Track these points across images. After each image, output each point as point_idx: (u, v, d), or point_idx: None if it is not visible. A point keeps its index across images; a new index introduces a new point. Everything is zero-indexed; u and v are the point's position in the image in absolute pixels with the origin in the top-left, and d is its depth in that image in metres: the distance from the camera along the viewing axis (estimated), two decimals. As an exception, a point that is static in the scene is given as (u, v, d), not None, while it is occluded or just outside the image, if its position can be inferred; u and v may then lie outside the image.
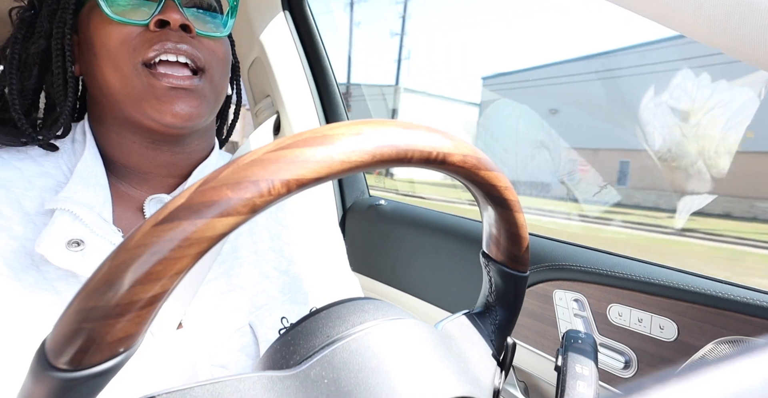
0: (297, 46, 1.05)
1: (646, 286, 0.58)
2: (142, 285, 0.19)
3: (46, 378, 0.19)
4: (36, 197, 0.43)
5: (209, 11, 0.49)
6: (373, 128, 0.23)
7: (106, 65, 0.43)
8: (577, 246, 0.72)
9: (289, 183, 0.20)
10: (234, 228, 0.20)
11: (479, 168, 0.27)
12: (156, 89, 0.43)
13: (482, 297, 0.36)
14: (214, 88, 0.47)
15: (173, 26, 0.43)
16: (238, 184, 0.20)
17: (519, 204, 0.31)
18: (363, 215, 1.10)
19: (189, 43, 0.44)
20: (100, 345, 0.19)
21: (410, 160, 0.24)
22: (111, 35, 0.43)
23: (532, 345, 0.73)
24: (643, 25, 2.64)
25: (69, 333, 0.19)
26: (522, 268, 0.33)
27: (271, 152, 0.21)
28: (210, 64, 0.46)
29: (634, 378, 0.61)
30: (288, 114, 1.04)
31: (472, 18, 30.76)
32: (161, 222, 0.19)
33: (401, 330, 0.27)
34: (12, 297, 0.38)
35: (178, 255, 0.19)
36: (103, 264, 0.19)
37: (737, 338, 0.50)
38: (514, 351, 0.35)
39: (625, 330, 0.61)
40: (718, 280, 0.55)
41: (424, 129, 0.25)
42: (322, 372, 0.24)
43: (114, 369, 0.20)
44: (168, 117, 0.43)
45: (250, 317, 0.47)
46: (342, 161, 0.21)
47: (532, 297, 0.72)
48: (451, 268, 0.87)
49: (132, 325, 0.19)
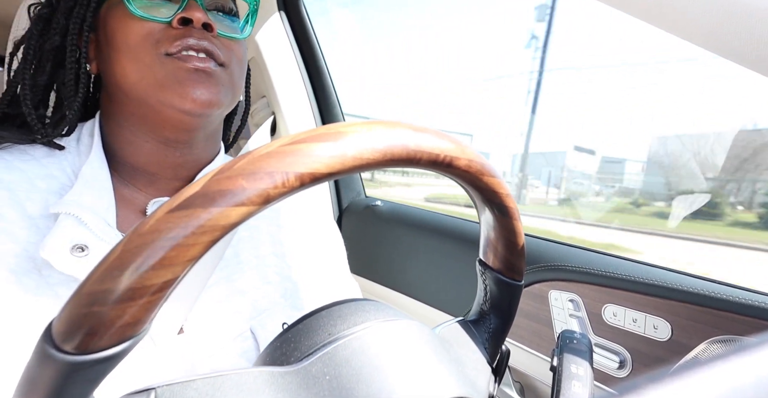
0: (293, 46, 1.05)
1: (641, 286, 0.59)
2: (155, 271, 0.19)
3: (53, 360, 0.19)
4: (39, 200, 0.42)
5: (229, 15, 0.50)
6: (386, 128, 0.23)
7: (125, 58, 0.44)
8: (572, 246, 0.72)
9: (303, 176, 0.21)
10: (247, 218, 0.20)
11: (483, 173, 0.28)
12: (179, 73, 0.43)
13: (476, 305, 0.36)
14: (233, 81, 0.48)
15: (196, 24, 0.44)
16: (254, 174, 0.20)
17: (518, 213, 0.31)
18: (359, 216, 1.10)
19: (210, 41, 0.45)
20: (109, 330, 0.19)
21: (419, 162, 0.24)
22: (133, 30, 0.43)
23: (527, 345, 0.73)
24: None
25: (78, 316, 0.19)
26: (518, 277, 0.34)
27: (286, 145, 0.21)
28: (230, 61, 0.47)
29: (629, 377, 0.61)
30: (284, 115, 1.04)
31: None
32: (176, 209, 0.19)
33: (402, 330, 0.27)
34: (13, 302, 0.38)
35: (192, 242, 0.19)
36: (115, 248, 0.19)
37: (729, 337, 0.51)
38: (508, 359, 0.35)
39: (619, 330, 0.61)
40: (711, 280, 0.55)
41: (433, 132, 0.25)
42: (324, 369, 0.24)
43: (120, 355, 0.20)
44: (188, 103, 0.43)
45: (252, 322, 0.47)
46: (355, 157, 0.22)
47: (528, 297, 0.72)
48: (448, 269, 0.87)
49: (141, 311, 0.19)
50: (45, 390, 0.20)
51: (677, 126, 6.95)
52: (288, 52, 1.05)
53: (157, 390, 0.22)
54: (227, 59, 0.46)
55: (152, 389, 0.22)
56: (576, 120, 8.30)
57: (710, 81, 7.81)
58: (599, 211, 4.26)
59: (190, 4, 0.44)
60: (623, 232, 3.65)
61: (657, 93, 8.59)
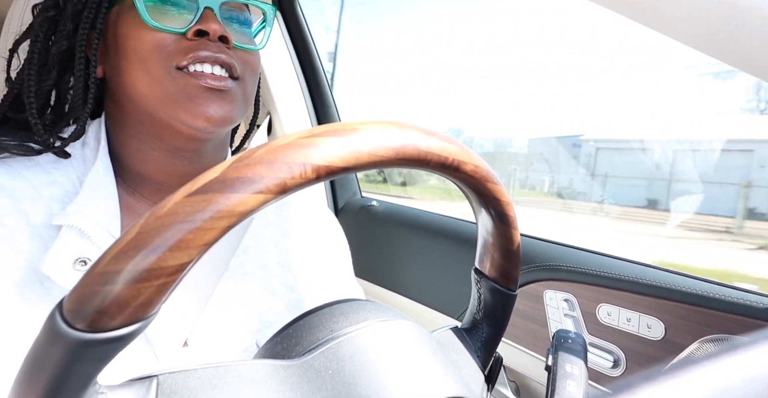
0: (288, 47, 1.05)
1: (635, 286, 0.59)
2: (172, 253, 0.19)
3: (63, 337, 0.19)
4: (43, 207, 0.41)
5: (244, 23, 0.48)
6: (399, 129, 0.24)
7: (135, 69, 0.42)
8: (567, 246, 0.72)
9: (320, 169, 0.21)
10: (263, 206, 0.20)
11: (487, 180, 0.28)
12: (190, 89, 0.41)
13: (469, 313, 0.36)
14: (246, 96, 0.46)
15: (212, 37, 0.42)
16: (272, 163, 0.20)
17: (517, 222, 0.31)
18: (355, 216, 1.10)
19: (226, 54, 0.43)
20: (123, 309, 0.19)
21: (428, 163, 0.25)
22: (145, 40, 0.41)
23: (522, 345, 0.73)
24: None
25: (91, 294, 0.19)
26: (512, 286, 0.34)
27: (304, 138, 0.21)
28: (245, 74, 0.45)
29: (623, 376, 0.62)
30: (279, 115, 1.03)
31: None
32: (194, 193, 0.20)
33: (403, 329, 0.27)
34: (15, 313, 0.37)
35: (209, 226, 0.19)
36: (131, 230, 0.19)
37: (721, 336, 0.51)
38: (500, 366, 0.35)
39: (614, 329, 0.61)
40: (704, 280, 0.56)
41: (442, 136, 0.26)
42: (326, 364, 0.25)
43: (129, 337, 0.20)
44: (201, 121, 0.41)
45: (257, 335, 0.46)
46: (369, 154, 0.22)
47: (523, 297, 0.72)
48: (445, 270, 0.88)
49: (156, 292, 0.20)
50: (53, 367, 0.20)
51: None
52: (284, 52, 1.05)
53: (159, 377, 0.22)
54: (242, 72, 0.45)
55: (155, 376, 0.22)
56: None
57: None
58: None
59: (206, 14, 0.42)
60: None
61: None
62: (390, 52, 16.71)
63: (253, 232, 0.51)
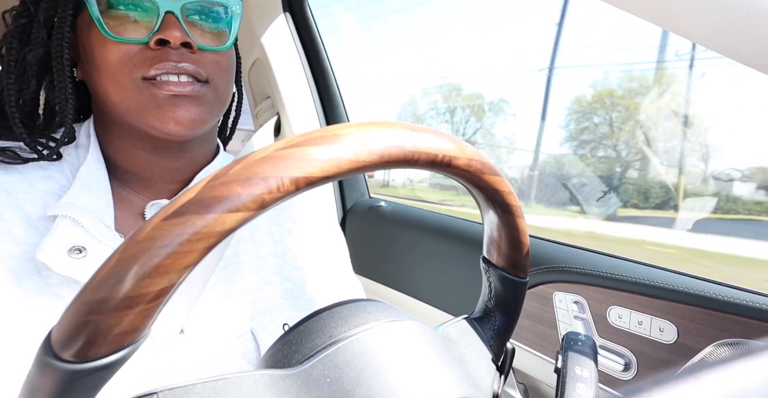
0: (298, 47, 1.06)
1: (646, 288, 0.58)
2: (151, 279, 0.19)
3: (52, 369, 0.19)
4: (38, 201, 0.42)
5: (215, 19, 0.46)
6: (382, 129, 0.23)
7: (105, 79, 0.42)
8: (577, 248, 0.72)
9: (298, 180, 0.20)
10: (242, 224, 0.20)
11: (483, 172, 0.27)
12: (157, 98, 0.42)
13: (481, 302, 0.36)
14: (219, 95, 0.46)
15: (174, 45, 0.42)
16: (248, 180, 0.20)
17: (521, 210, 0.31)
18: (363, 216, 1.11)
19: (190, 60, 0.43)
20: (107, 338, 0.19)
21: (416, 162, 0.24)
22: (110, 52, 0.41)
23: (532, 347, 0.73)
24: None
25: (76, 325, 0.19)
26: (522, 274, 0.33)
27: (281, 150, 0.21)
28: (214, 75, 0.45)
29: (634, 380, 0.61)
30: (288, 115, 1.04)
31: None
32: (171, 216, 0.19)
33: (403, 331, 0.27)
34: (14, 303, 0.38)
35: (187, 249, 0.19)
36: (111, 257, 0.19)
37: (737, 340, 0.50)
38: (513, 357, 0.35)
39: (624, 332, 0.61)
40: (718, 282, 0.55)
41: (431, 132, 0.25)
42: (324, 372, 0.24)
43: (119, 363, 0.20)
44: (171, 125, 0.42)
45: (252, 323, 0.47)
46: (350, 160, 0.22)
47: (532, 299, 0.72)
48: (452, 270, 0.87)
49: (139, 318, 0.19)
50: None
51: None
52: (293, 53, 1.05)
53: (159, 394, 0.22)
54: (211, 74, 0.44)
55: (154, 393, 0.22)
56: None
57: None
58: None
59: (168, 20, 0.42)
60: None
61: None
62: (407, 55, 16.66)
63: (249, 224, 0.52)
